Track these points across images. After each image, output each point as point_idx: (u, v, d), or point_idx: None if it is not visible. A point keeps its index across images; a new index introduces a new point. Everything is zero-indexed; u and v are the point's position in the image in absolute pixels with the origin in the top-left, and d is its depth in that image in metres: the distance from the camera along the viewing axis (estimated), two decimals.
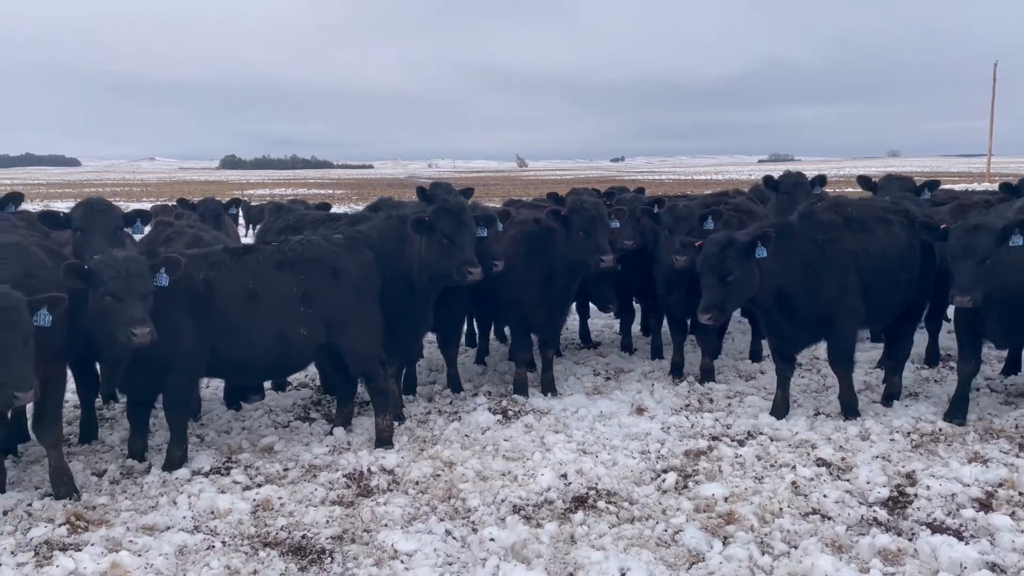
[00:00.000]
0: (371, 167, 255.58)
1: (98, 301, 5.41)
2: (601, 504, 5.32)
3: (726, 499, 5.32)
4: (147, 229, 7.28)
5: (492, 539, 4.82)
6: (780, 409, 6.99)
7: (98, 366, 6.63)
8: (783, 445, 6.31)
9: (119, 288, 5.34)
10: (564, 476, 5.78)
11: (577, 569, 4.53)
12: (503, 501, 5.40)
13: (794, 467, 5.82)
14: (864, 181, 9.91)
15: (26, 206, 8.47)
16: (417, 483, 5.75)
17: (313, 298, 6.22)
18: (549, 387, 7.87)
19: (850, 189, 31.45)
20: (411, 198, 10.01)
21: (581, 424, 6.90)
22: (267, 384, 8.13)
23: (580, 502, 5.39)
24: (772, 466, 5.92)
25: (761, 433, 6.57)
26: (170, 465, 5.99)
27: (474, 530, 5.01)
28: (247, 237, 19.48)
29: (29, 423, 6.06)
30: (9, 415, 5.79)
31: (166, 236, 7.82)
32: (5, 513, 5.32)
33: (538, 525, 5.06)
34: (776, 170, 12.28)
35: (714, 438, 6.48)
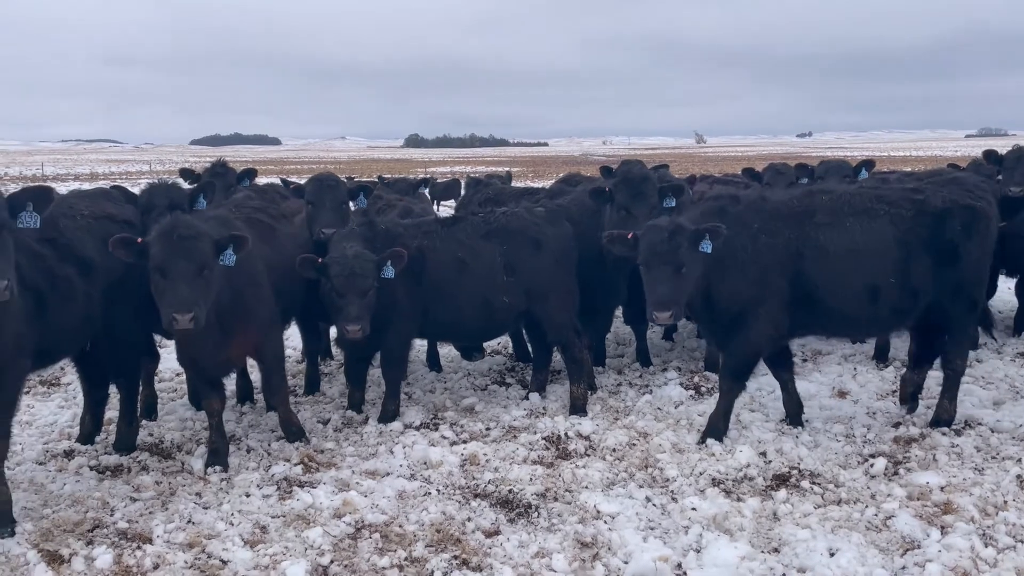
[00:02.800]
0: (546, 145, 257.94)
1: (326, 293, 6.01)
2: (805, 484, 5.23)
3: (942, 488, 5.07)
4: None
5: (694, 508, 4.88)
6: (717, 428, 5.98)
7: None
8: (1006, 437, 5.89)
9: (342, 286, 5.87)
10: (763, 454, 5.72)
11: (782, 545, 4.50)
12: (701, 474, 5.43)
13: (1020, 460, 5.43)
14: None
15: None
16: (614, 450, 5.90)
17: (515, 267, 6.51)
18: None
19: None
20: (590, 175, 10.03)
21: (778, 404, 6.75)
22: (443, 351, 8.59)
23: (782, 480, 5.32)
24: (994, 458, 5.56)
25: (980, 423, 6.16)
26: (385, 417, 6.49)
27: (674, 499, 5.09)
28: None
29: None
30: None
31: (378, 208, 8.41)
32: (248, 451, 6.00)
33: (739, 499, 5.06)
34: (985, 146, 11.18)
35: (926, 425, 6.14)
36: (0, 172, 49.53)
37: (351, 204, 7.43)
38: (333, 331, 8.04)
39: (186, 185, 7.38)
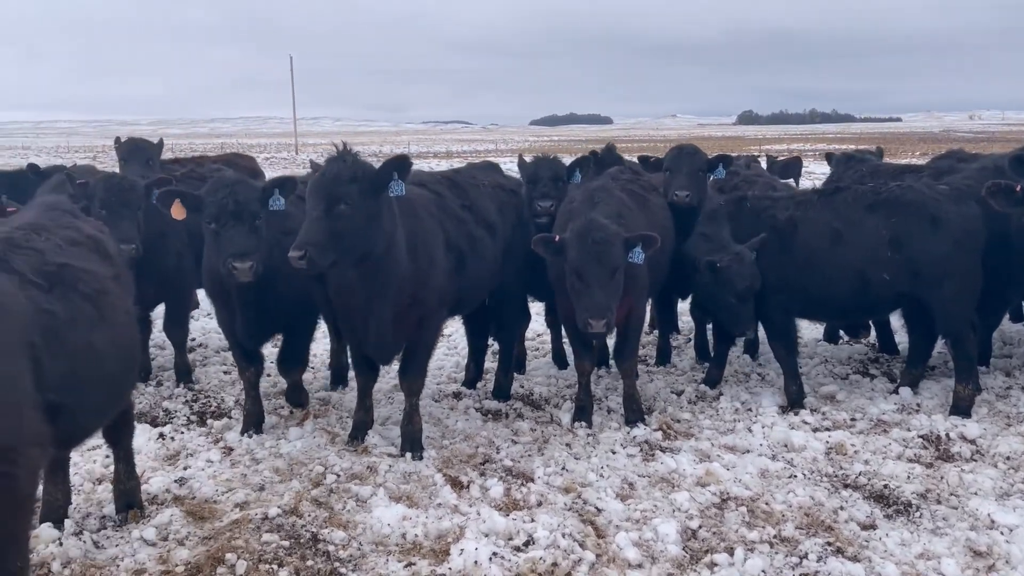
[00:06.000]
0: (899, 120, 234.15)
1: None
2: None
3: None
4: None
5: None
6: None
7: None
8: None
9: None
10: None
11: None
12: None
13: None
14: None
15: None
16: (1008, 458, 5.29)
17: (903, 244, 6.02)
18: None
19: None
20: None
21: None
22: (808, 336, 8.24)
23: None
24: None
25: None
26: (792, 400, 6.27)
27: None
28: None
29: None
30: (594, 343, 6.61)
31: (733, 184, 8.29)
32: (609, 412, 6.33)
33: None
34: None
35: None
36: (375, 150, 56.97)
37: (710, 175, 7.41)
38: (681, 304, 8.20)
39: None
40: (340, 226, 4.73)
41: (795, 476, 5.11)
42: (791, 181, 26.73)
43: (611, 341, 6.67)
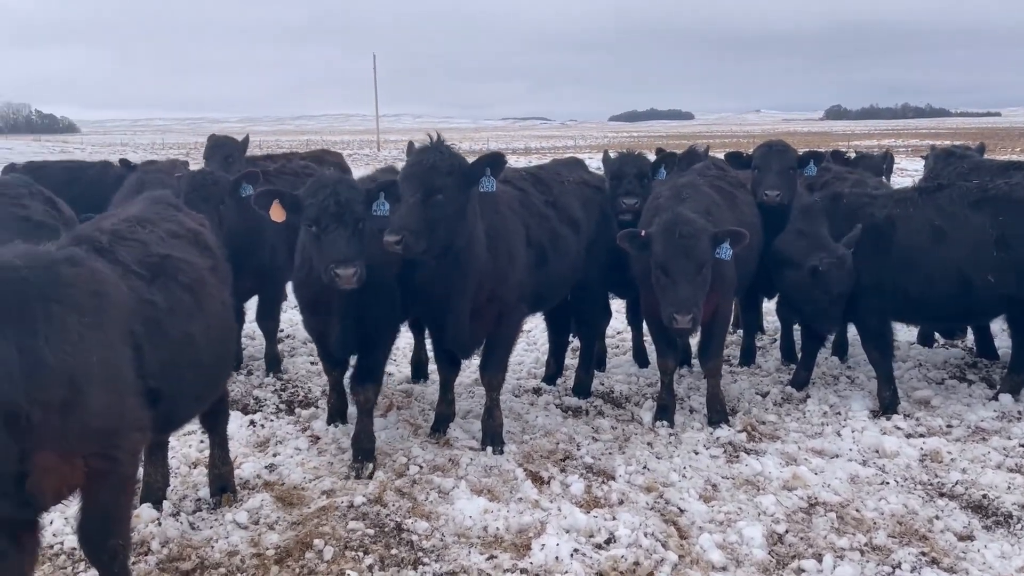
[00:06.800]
0: (998, 115, 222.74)
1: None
2: None
3: None
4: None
5: None
6: None
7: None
8: None
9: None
10: None
11: None
12: None
13: None
14: None
15: None
16: None
17: (1011, 243, 5.74)
18: None
19: None
20: None
21: None
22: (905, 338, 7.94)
23: None
24: None
25: None
26: (885, 406, 6.03)
27: None
28: None
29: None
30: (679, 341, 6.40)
31: (824, 181, 8.05)
32: (691, 412, 6.25)
33: None
34: None
35: None
36: (455, 147, 57.38)
37: (800, 172, 7.21)
38: (765, 303, 8.01)
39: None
40: (435, 215, 4.73)
41: (887, 483, 4.95)
42: (882, 177, 25.90)
43: (694, 340, 6.60)
